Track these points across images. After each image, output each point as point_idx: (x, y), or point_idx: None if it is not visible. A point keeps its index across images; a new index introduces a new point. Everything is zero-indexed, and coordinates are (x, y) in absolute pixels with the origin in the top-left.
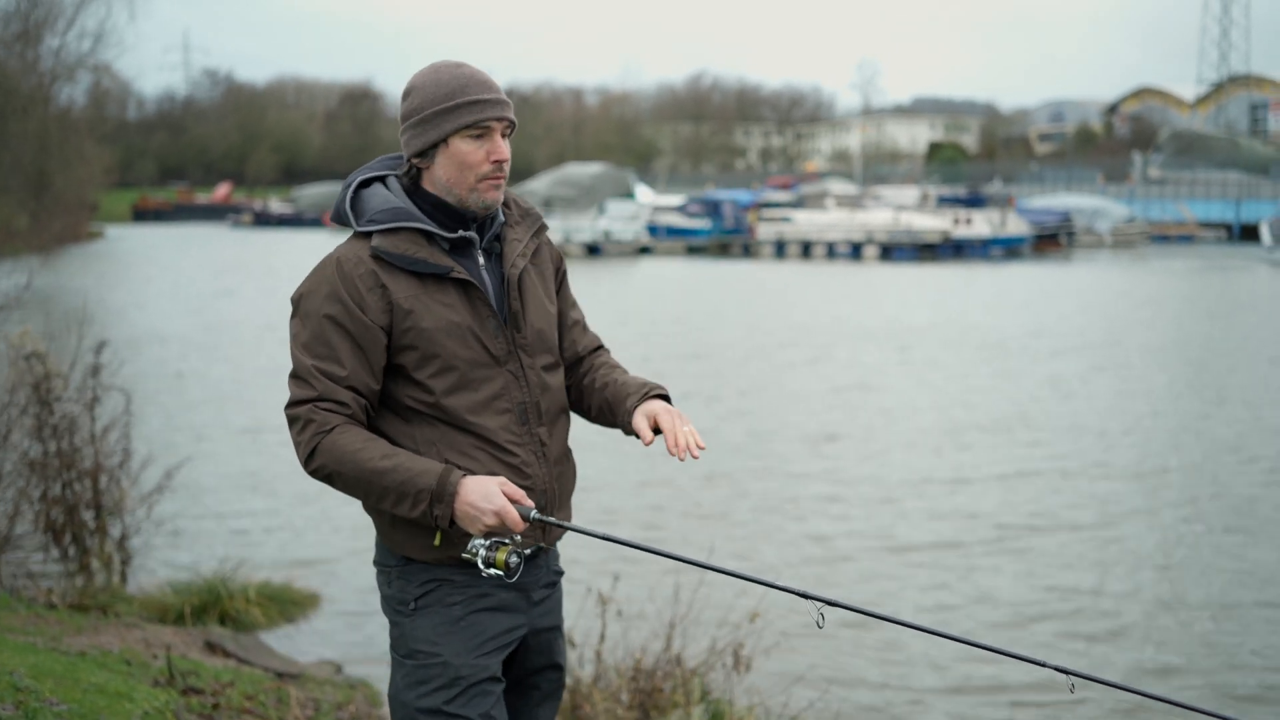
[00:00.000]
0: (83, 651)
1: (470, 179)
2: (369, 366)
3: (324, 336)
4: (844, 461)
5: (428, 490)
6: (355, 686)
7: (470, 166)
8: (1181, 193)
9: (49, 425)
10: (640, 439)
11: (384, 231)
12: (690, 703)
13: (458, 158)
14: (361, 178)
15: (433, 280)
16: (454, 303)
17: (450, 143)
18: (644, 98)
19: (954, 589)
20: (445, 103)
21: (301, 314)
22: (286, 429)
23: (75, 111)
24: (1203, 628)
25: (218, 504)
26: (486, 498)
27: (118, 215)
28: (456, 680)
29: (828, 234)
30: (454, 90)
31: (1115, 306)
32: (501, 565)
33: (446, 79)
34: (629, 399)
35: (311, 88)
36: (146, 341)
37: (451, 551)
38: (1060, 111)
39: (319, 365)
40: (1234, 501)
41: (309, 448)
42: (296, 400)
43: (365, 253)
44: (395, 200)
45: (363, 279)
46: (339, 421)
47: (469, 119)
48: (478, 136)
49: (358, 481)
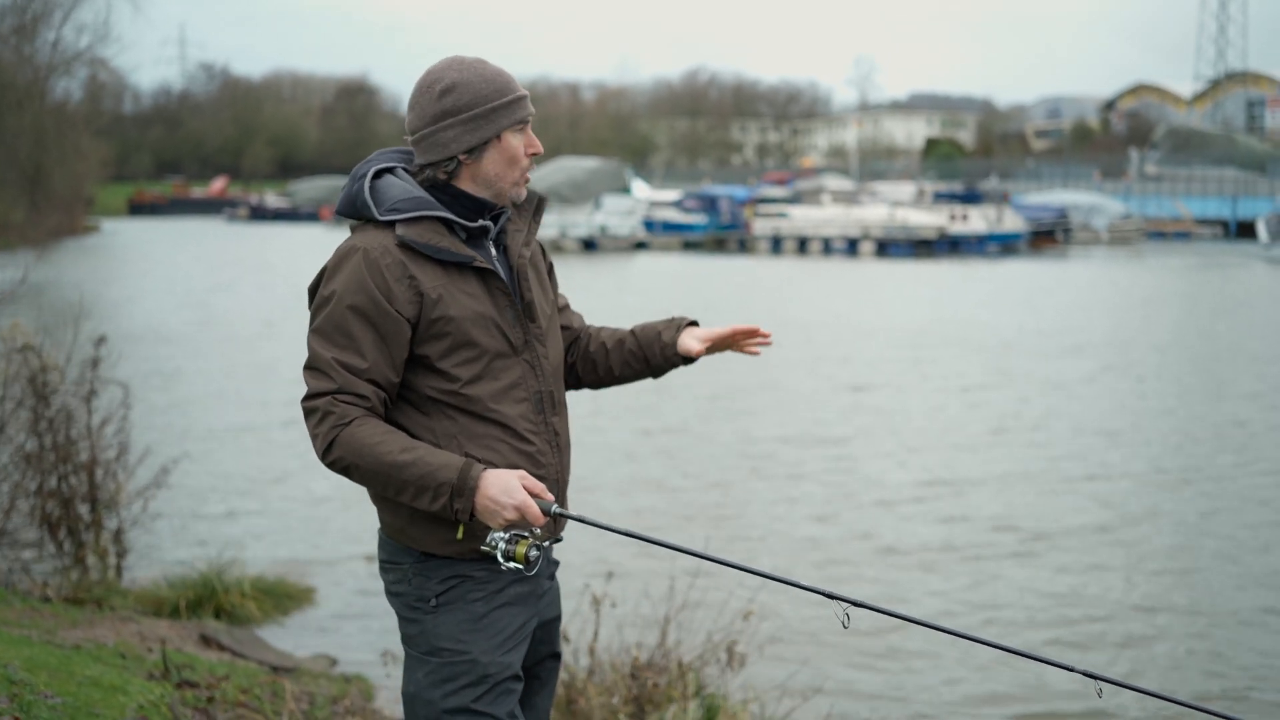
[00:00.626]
0: (77, 645)
1: (516, 173)
2: (390, 359)
3: (346, 328)
4: (846, 463)
5: (448, 484)
6: (350, 680)
7: (517, 161)
8: (1178, 189)
9: (45, 418)
10: (690, 355)
11: (408, 221)
12: (685, 697)
13: (509, 152)
14: (375, 168)
15: (455, 269)
16: (476, 292)
17: (503, 138)
18: (640, 93)
19: (966, 592)
20: (499, 99)
21: (321, 304)
22: (282, 425)
23: (71, 105)
24: (1228, 634)
25: (213, 498)
26: (507, 492)
27: (113, 209)
28: (485, 678)
29: (824, 230)
30: (502, 87)
31: (1117, 304)
32: (521, 559)
33: (492, 75)
34: (662, 333)
35: (308, 82)
36: (143, 336)
37: (474, 544)
38: (1057, 108)
39: (339, 358)
40: (1253, 503)
41: (327, 440)
42: (315, 393)
43: (391, 242)
44: (414, 190)
45: (390, 269)
46: (358, 414)
47: (521, 114)
48: (520, 131)
49: (376, 475)
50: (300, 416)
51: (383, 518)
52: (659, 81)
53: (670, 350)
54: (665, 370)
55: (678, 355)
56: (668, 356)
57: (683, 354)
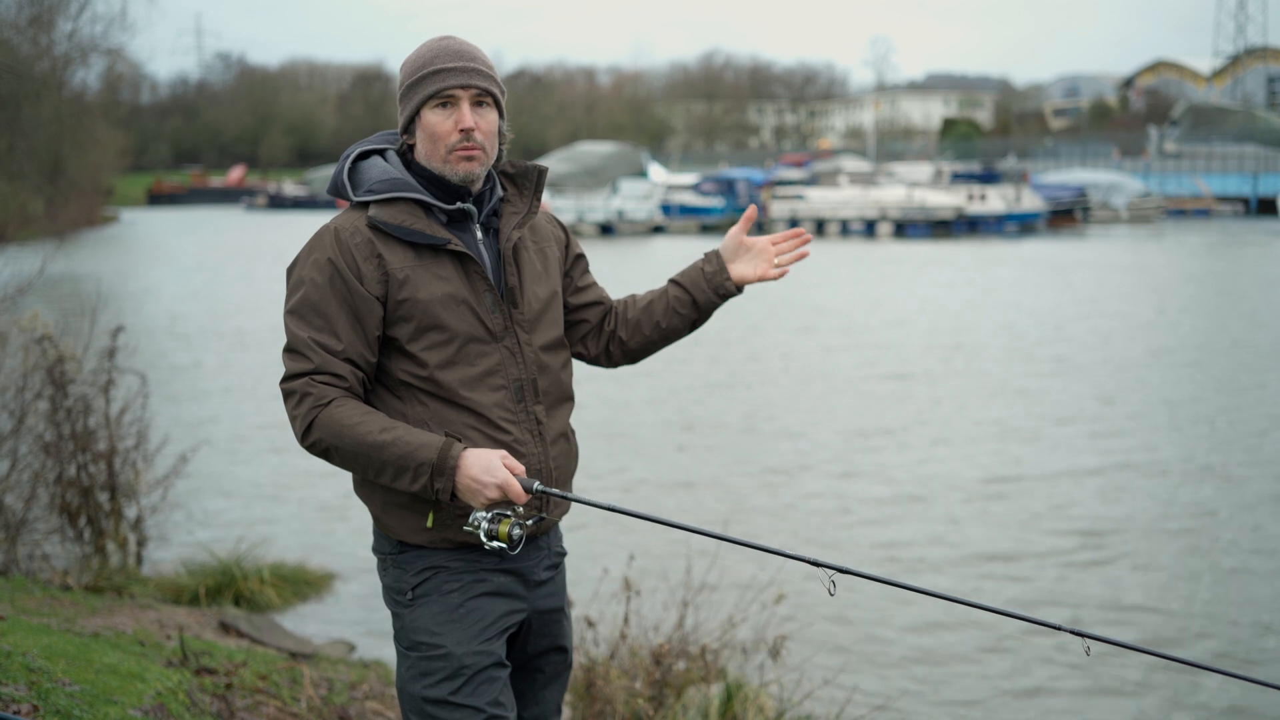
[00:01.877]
0: (96, 633)
1: (441, 150)
2: (365, 338)
3: (320, 308)
4: (889, 456)
5: (428, 463)
6: (369, 666)
7: (439, 138)
8: (1198, 167)
9: (63, 408)
10: (741, 282)
11: (381, 202)
12: (707, 680)
13: (428, 129)
14: (360, 150)
15: (429, 252)
16: (450, 275)
17: (422, 115)
18: (656, 76)
19: (1037, 585)
20: (414, 75)
21: (296, 284)
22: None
23: (89, 96)
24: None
25: (232, 486)
26: (488, 470)
27: (132, 199)
28: (461, 670)
29: (841, 211)
30: (424, 63)
31: (1151, 283)
32: (504, 537)
33: (423, 52)
34: (704, 268)
35: (324, 70)
36: (162, 326)
37: (445, 533)
38: (1075, 86)
39: (315, 337)
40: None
41: (306, 421)
42: (292, 374)
43: (362, 222)
44: (393, 171)
45: (359, 248)
46: (336, 395)
47: (432, 88)
48: (442, 105)
49: (355, 455)
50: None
51: (366, 507)
52: (675, 65)
53: (718, 279)
54: (712, 309)
55: (727, 281)
56: (715, 286)
57: (736, 280)
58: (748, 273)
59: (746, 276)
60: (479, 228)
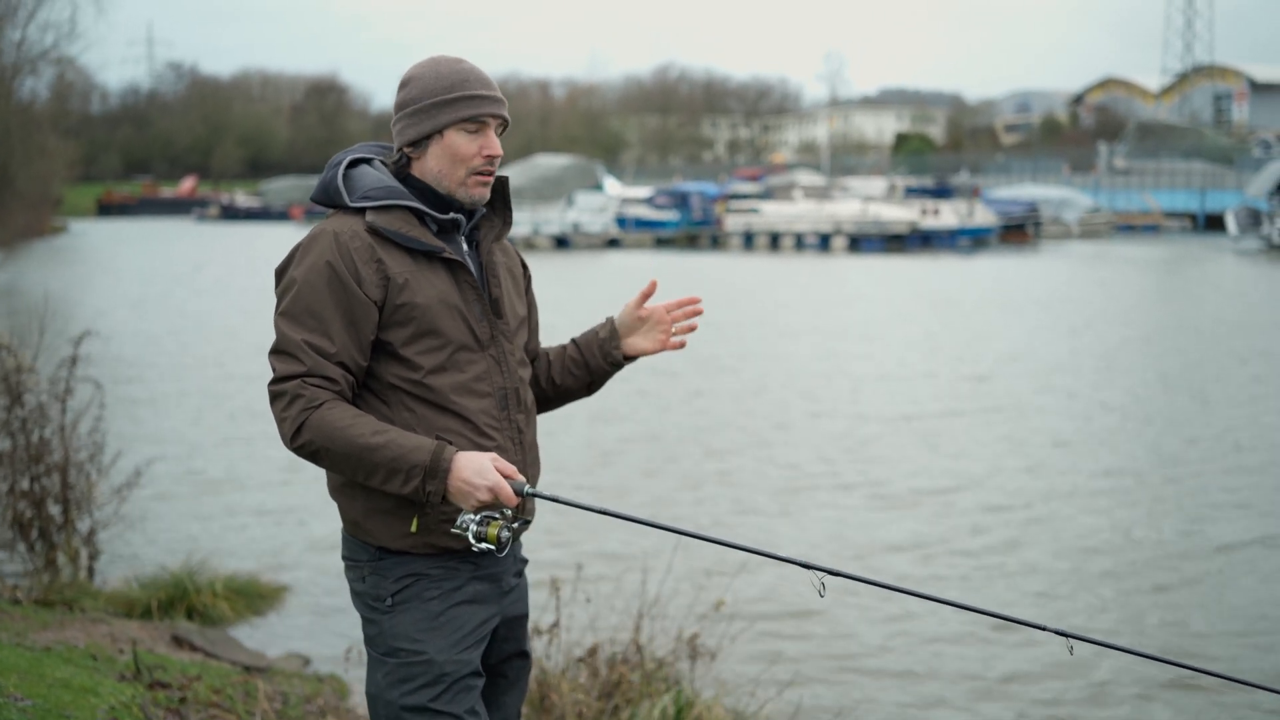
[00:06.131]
0: (48, 647)
1: (461, 173)
2: (359, 342)
3: (315, 310)
4: (841, 465)
5: (421, 466)
6: (323, 680)
7: (463, 160)
8: (1147, 183)
9: (18, 418)
10: (630, 353)
11: (378, 208)
12: (658, 693)
13: (451, 150)
14: (350, 157)
15: (424, 258)
16: (444, 283)
17: (445, 135)
18: (611, 89)
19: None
20: (444, 95)
21: (289, 286)
22: (253, 423)
23: (38, 105)
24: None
25: (185, 499)
26: (480, 473)
27: (82, 209)
28: (441, 677)
29: (796, 225)
30: (454, 84)
31: (1108, 298)
32: (493, 540)
33: (447, 72)
34: (599, 330)
35: (277, 80)
36: (112, 337)
37: (429, 537)
38: (1026, 102)
39: (309, 339)
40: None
41: (296, 423)
42: (283, 376)
43: (360, 227)
44: (387, 180)
45: (359, 252)
46: (328, 397)
47: (467, 113)
48: (473, 131)
49: (346, 458)
50: (266, 412)
51: (342, 513)
52: (629, 78)
53: (608, 347)
54: (604, 376)
55: (616, 350)
56: (605, 354)
57: (625, 352)
58: (645, 345)
59: (643, 349)
60: (463, 239)
